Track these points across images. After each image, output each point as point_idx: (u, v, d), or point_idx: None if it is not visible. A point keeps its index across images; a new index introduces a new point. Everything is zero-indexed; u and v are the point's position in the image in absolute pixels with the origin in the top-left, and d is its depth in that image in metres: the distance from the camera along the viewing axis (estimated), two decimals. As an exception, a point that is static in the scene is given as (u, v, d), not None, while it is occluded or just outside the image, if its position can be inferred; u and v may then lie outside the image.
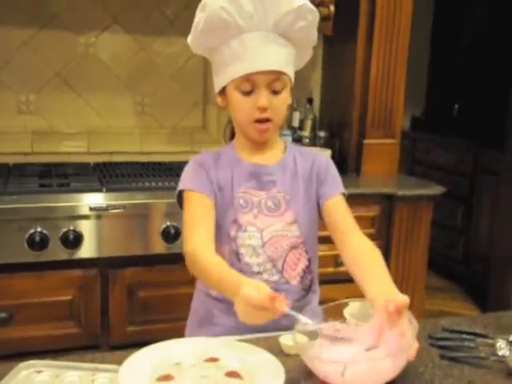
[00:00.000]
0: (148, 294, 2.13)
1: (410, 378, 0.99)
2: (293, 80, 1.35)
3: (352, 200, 1.45)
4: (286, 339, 1.14)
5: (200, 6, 1.28)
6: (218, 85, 1.35)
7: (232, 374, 0.96)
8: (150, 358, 1.00)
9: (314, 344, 1.04)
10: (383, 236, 2.44)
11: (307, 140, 2.75)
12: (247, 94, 1.28)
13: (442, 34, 4.67)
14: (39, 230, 1.95)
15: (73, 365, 1.00)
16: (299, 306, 1.35)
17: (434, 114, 4.74)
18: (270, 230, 1.34)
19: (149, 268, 2.12)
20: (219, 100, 1.37)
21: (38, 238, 1.94)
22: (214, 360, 1.02)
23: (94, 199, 2.04)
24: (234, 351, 1.05)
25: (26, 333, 2.01)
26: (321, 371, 0.99)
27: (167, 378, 0.95)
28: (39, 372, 0.98)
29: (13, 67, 2.48)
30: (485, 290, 3.60)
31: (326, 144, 2.72)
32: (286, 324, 1.30)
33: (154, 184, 2.22)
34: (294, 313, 1.06)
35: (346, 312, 1.08)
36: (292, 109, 2.81)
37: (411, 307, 2.53)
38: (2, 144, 2.47)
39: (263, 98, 1.27)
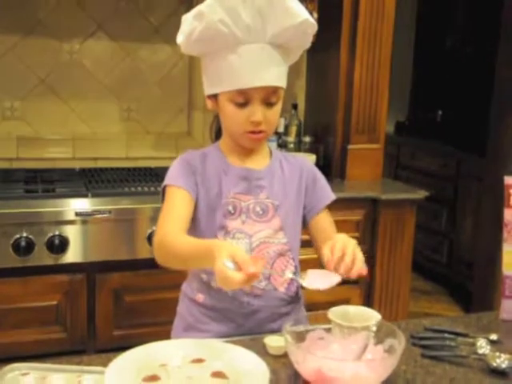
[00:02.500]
0: (134, 299, 2.13)
1: (392, 376, 1.00)
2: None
3: (337, 204, 1.48)
4: (271, 340, 1.15)
5: (195, 14, 1.24)
6: (208, 90, 1.33)
7: (217, 375, 0.97)
8: (136, 360, 1.01)
9: (300, 346, 1.04)
10: (368, 239, 2.46)
11: (292, 145, 2.77)
12: (241, 105, 1.26)
13: (425, 41, 4.73)
14: (25, 235, 1.95)
15: (58, 367, 1.00)
16: (286, 311, 1.38)
17: (417, 119, 4.80)
18: (258, 237, 1.34)
19: (135, 273, 2.13)
20: (209, 103, 1.35)
21: (23, 243, 1.94)
22: (199, 361, 1.02)
23: (80, 204, 2.05)
24: (219, 352, 1.06)
25: (12, 338, 2.00)
26: (310, 369, 1.00)
27: (153, 378, 0.96)
28: (25, 374, 0.98)
29: (-3, 73, 2.49)
30: (468, 293, 3.64)
31: (311, 149, 2.74)
32: (273, 327, 1.32)
33: (139, 189, 2.23)
34: (275, 272, 1.11)
35: (331, 314, 1.08)
36: (277, 114, 2.83)
37: (396, 309, 2.56)
38: (-14, 150, 2.47)
39: (258, 113, 1.26)
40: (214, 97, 1.32)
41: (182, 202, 1.30)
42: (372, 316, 1.08)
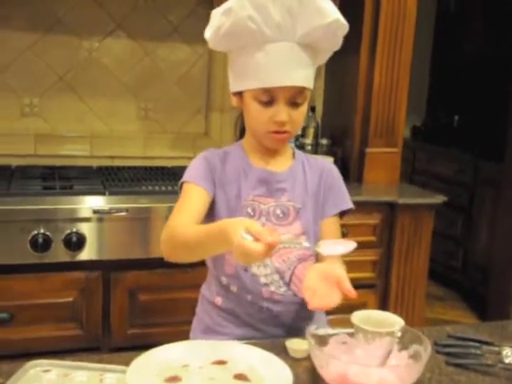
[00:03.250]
0: (149, 298, 2.12)
1: (416, 383, 0.98)
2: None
3: (355, 208, 1.45)
4: (292, 343, 1.13)
5: (224, 9, 1.22)
6: (234, 86, 1.31)
7: (240, 377, 0.95)
8: (157, 360, 1.00)
9: (323, 351, 1.02)
10: (385, 244, 2.44)
11: (309, 147, 2.76)
12: (266, 104, 1.24)
13: (443, 46, 4.70)
14: (42, 231, 1.95)
15: (80, 364, 0.99)
16: (306, 316, 1.34)
17: (434, 124, 4.76)
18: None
19: (150, 272, 2.12)
20: (234, 100, 1.32)
21: (40, 240, 1.94)
22: (221, 363, 1.01)
23: (97, 202, 2.04)
24: (241, 354, 1.04)
25: (28, 334, 2.00)
26: (335, 374, 0.98)
27: (175, 379, 0.94)
28: (46, 371, 0.98)
29: (17, 70, 2.49)
30: (483, 299, 3.60)
31: (329, 152, 2.73)
32: (293, 332, 1.30)
33: (156, 188, 2.22)
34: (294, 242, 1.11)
35: (355, 318, 1.07)
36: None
37: (412, 315, 2.52)
38: (5, 146, 2.47)
39: (283, 113, 1.23)
40: (239, 94, 1.30)
41: (197, 198, 1.28)
42: (395, 321, 1.06)
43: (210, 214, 1.32)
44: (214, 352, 1.04)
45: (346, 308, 1.30)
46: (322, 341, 1.04)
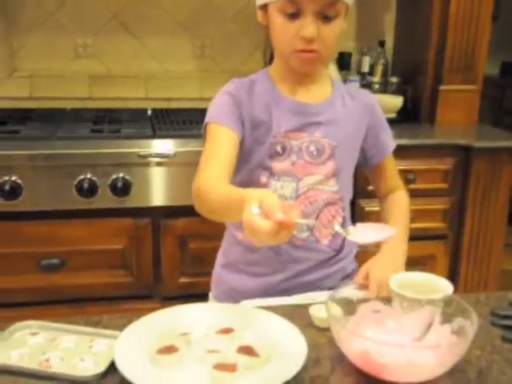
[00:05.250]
0: (200, 246, 2.04)
1: (460, 363, 0.82)
2: (350, 5, 1.13)
3: (425, 152, 1.31)
4: (317, 310, 0.98)
5: None
6: None
7: (245, 350, 0.82)
8: (156, 325, 0.89)
9: (349, 320, 0.88)
10: (457, 191, 2.22)
11: (377, 86, 2.54)
12: (292, 17, 1.08)
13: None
14: (88, 176, 1.89)
15: (71, 328, 0.91)
16: (329, 264, 1.23)
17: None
18: (308, 182, 1.18)
19: (201, 219, 2.01)
20: (259, 15, 1.17)
21: (86, 185, 1.88)
22: (227, 331, 0.89)
23: (144, 146, 1.95)
24: (252, 321, 0.91)
25: (79, 279, 1.98)
26: (356, 352, 0.83)
27: (170, 349, 0.83)
28: (34, 334, 0.90)
29: (69, 8, 2.41)
30: None
31: (398, 90, 2.50)
32: (314, 278, 1.17)
33: (208, 131, 2.10)
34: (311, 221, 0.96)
35: (392, 282, 0.91)
36: (362, 53, 2.59)
37: (487, 267, 2.32)
38: (59, 88, 2.42)
39: (309, 27, 1.07)
40: (265, 8, 1.14)
41: (226, 143, 1.13)
42: (442, 287, 0.90)
43: (241, 157, 1.18)
44: (221, 317, 0.92)
45: (409, 261, 1.15)
46: (349, 308, 0.89)
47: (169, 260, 2.05)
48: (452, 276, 2.27)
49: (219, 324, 0.90)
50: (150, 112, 2.42)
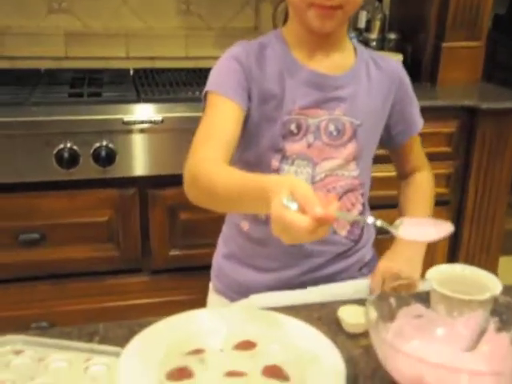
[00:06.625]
0: (190, 217, 1.91)
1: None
2: None
3: (426, 114, 1.19)
4: (346, 313, 0.84)
5: None
6: None
7: (272, 372, 0.68)
8: (163, 339, 0.75)
9: (389, 329, 0.74)
10: (461, 155, 2.11)
11: (374, 43, 2.39)
12: None
13: None
14: (68, 145, 1.73)
15: (61, 343, 0.76)
16: (346, 257, 1.10)
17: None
18: (326, 167, 1.03)
19: (192, 189, 1.89)
20: None
21: (67, 155, 1.73)
22: (248, 346, 0.74)
23: (128, 111, 1.79)
24: (275, 331, 0.77)
25: (61, 254, 1.85)
26: (408, 376, 0.68)
27: (183, 373, 0.69)
28: (18, 353, 0.76)
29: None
30: None
31: (397, 48, 2.35)
32: (329, 272, 1.06)
33: (197, 94, 1.94)
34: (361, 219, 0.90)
35: (434, 280, 0.77)
36: (358, 6, 2.43)
37: (491, 230, 2.24)
38: (33, 48, 2.23)
39: None
40: None
41: (228, 117, 0.98)
42: (487, 283, 0.77)
43: (244, 132, 1.03)
44: (237, 326, 0.78)
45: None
46: (389, 313, 0.75)
47: (158, 232, 1.91)
48: (454, 241, 2.19)
49: (236, 335, 0.77)
50: (132, 72, 2.25)
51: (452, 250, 2.21)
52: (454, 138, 2.08)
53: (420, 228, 0.76)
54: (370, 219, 0.77)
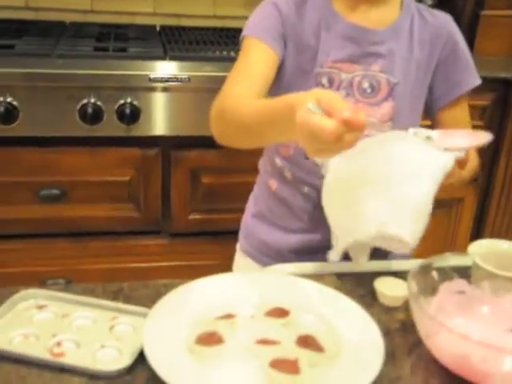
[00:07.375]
0: (213, 180, 1.88)
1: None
2: None
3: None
4: (385, 285, 0.79)
5: None
6: None
7: (306, 341, 0.65)
8: (191, 303, 0.72)
9: (431, 304, 0.71)
10: (494, 130, 2.03)
11: (410, 8, 2.30)
12: None
13: None
14: (92, 100, 1.69)
15: (86, 300, 0.73)
16: None
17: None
18: None
19: (215, 151, 1.84)
20: None
21: (90, 110, 1.68)
22: (280, 314, 0.71)
23: (155, 68, 1.74)
24: (309, 299, 0.74)
25: (81, 212, 1.82)
26: (453, 355, 0.65)
27: (212, 338, 0.66)
28: (41, 307, 0.73)
29: None
30: None
31: (433, 14, 2.26)
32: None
33: (225, 53, 1.89)
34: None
35: (476, 253, 0.73)
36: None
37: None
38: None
39: None
40: None
41: (262, 61, 0.96)
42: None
43: (277, 85, 0.99)
44: (269, 292, 0.75)
45: (436, 204, 0.97)
46: (430, 287, 0.72)
47: (179, 195, 1.88)
48: (479, 220, 2.13)
49: (269, 301, 0.73)
50: (158, 29, 2.19)
51: (477, 230, 2.16)
52: (488, 112, 2.00)
53: (457, 137, 0.72)
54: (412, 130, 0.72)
